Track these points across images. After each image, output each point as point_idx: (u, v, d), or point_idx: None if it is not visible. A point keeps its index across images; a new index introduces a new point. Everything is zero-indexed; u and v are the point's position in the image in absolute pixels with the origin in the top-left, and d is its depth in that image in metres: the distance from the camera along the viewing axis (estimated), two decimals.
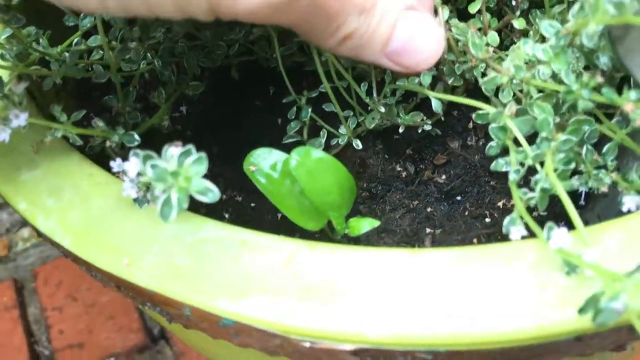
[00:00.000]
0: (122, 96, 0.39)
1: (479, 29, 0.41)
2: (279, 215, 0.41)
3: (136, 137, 0.36)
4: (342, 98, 0.41)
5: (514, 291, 0.26)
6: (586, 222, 0.37)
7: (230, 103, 0.47)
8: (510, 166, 0.31)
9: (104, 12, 0.24)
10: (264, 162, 0.31)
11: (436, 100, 0.38)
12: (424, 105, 0.42)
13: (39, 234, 0.31)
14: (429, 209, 0.41)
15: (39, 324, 0.88)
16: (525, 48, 0.32)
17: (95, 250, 0.29)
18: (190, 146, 0.24)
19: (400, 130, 0.41)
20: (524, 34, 0.42)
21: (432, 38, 0.32)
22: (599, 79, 0.28)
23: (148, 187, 0.27)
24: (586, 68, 0.33)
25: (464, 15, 0.41)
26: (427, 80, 0.37)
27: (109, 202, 0.31)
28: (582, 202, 0.34)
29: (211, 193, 0.24)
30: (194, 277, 0.28)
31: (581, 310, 0.24)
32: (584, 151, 0.32)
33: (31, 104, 0.37)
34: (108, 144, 0.36)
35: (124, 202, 0.30)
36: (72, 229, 0.30)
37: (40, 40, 0.39)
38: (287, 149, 0.33)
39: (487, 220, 0.40)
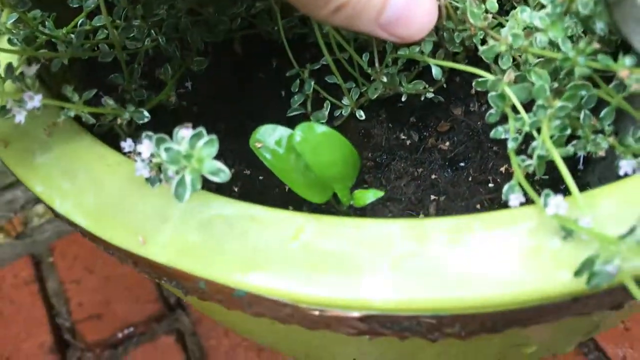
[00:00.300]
0: (127, 74, 0.40)
1: None
2: (287, 187, 0.42)
3: (145, 113, 0.37)
4: (344, 69, 0.41)
5: (513, 256, 0.27)
6: (587, 185, 0.38)
7: (235, 77, 0.48)
8: (509, 134, 0.32)
9: None
10: (269, 139, 0.32)
11: (436, 68, 0.38)
12: (425, 73, 0.42)
13: (56, 215, 0.33)
14: (433, 176, 0.42)
15: (58, 297, 0.90)
16: (523, 16, 0.32)
17: (111, 230, 0.31)
18: (201, 129, 0.25)
19: (403, 99, 0.41)
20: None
21: (425, 7, 0.32)
22: (596, 45, 0.29)
23: (160, 167, 0.28)
24: (584, 33, 0.34)
25: None
26: (428, 47, 0.38)
27: (122, 182, 0.32)
28: (580, 166, 0.35)
29: (223, 173, 0.25)
30: (207, 252, 0.29)
31: (576, 273, 0.25)
32: (581, 116, 0.33)
33: (41, 86, 0.38)
34: (119, 121, 0.37)
35: (136, 182, 0.32)
36: (88, 211, 0.31)
37: (46, 23, 0.39)
38: (292, 122, 0.34)
39: (491, 185, 0.41)
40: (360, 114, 0.42)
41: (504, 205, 0.31)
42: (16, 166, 0.33)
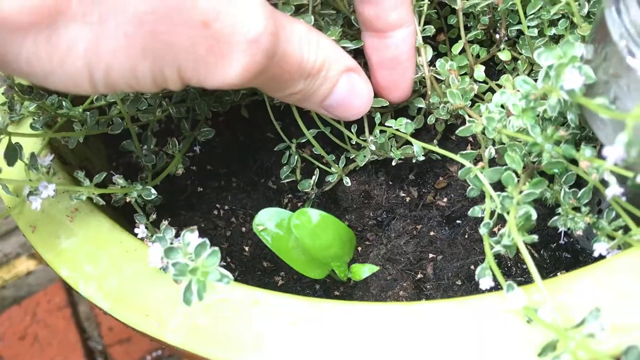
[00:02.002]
0: (137, 143, 0.43)
1: (463, 67, 0.43)
2: None
3: (153, 191, 0.40)
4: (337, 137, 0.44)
5: (489, 339, 0.30)
6: (579, 251, 0.40)
7: (244, 138, 0.51)
8: (485, 218, 0.34)
9: (94, 93, 0.29)
10: (269, 222, 0.35)
11: (418, 146, 0.41)
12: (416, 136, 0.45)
13: (81, 296, 0.36)
14: (431, 233, 0.44)
15: (89, 321, 0.95)
16: (501, 98, 0.35)
17: (130, 313, 0.34)
18: (205, 240, 0.28)
19: (393, 164, 0.44)
20: (514, 59, 0.45)
21: (362, 96, 0.37)
22: (562, 133, 0.31)
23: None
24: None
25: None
26: (409, 128, 0.40)
27: (139, 267, 0.35)
28: (562, 241, 0.37)
29: (226, 279, 0.28)
30: (214, 335, 0.32)
31: (540, 354, 0.27)
32: (562, 194, 0.35)
33: (60, 165, 0.42)
34: (128, 199, 0.40)
35: (152, 268, 0.35)
36: (109, 294, 0.35)
37: (64, 104, 0.43)
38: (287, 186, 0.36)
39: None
40: (347, 181, 0.44)
41: (497, 265, 0.33)
42: (44, 251, 0.37)
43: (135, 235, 0.36)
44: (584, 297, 0.30)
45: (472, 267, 0.42)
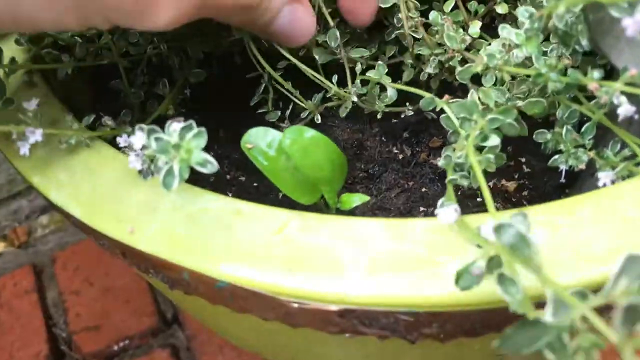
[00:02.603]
0: (126, 80, 0.42)
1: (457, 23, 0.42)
2: (280, 194, 0.43)
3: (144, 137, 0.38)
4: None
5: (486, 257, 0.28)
6: None
7: (235, 86, 0.50)
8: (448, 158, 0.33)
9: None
10: (260, 141, 0.33)
11: (392, 90, 0.40)
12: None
13: (52, 205, 0.34)
14: (423, 189, 0.43)
15: (57, 307, 0.91)
16: (503, 33, 0.34)
17: (103, 220, 0.32)
18: (191, 121, 0.27)
19: (379, 117, 0.42)
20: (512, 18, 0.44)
21: (303, 27, 0.38)
22: (566, 61, 0.30)
23: (152, 159, 0.29)
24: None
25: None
26: (381, 70, 0.39)
27: (116, 175, 0.33)
28: (562, 180, 0.36)
29: (210, 165, 0.26)
30: (192, 243, 0.30)
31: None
32: (564, 131, 0.34)
33: (48, 91, 0.40)
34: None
35: (130, 176, 0.33)
36: (81, 201, 0.32)
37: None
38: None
39: (479, 199, 0.42)
40: (318, 118, 0.43)
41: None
42: (15, 159, 0.35)
43: (116, 145, 0.34)
44: (583, 220, 0.28)
45: None
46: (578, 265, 0.27)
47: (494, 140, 0.30)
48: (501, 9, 0.42)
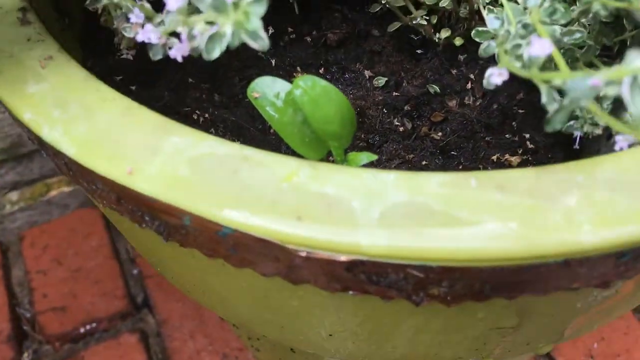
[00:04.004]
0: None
1: None
2: None
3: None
4: None
5: (508, 213, 0.27)
6: None
7: (233, 55, 0.48)
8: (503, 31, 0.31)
9: None
10: (267, 90, 0.32)
11: None
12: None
13: (42, 144, 0.32)
14: (423, 162, 0.42)
15: (22, 286, 0.87)
16: None
17: (99, 160, 0.30)
18: None
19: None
20: None
21: None
22: None
23: (171, 33, 0.26)
24: None
25: None
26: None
27: (115, 115, 0.31)
28: (576, 146, 0.35)
29: (261, 40, 0.23)
30: (195, 187, 0.28)
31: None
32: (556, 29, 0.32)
33: (42, 27, 0.37)
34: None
35: (130, 116, 0.31)
36: (77, 139, 0.30)
37: None
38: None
39: None
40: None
41: None
42: (7, 94, 0.32)
43: (116, 84, 0.32)
44: (606, 181, 0.28)
45: None
46: (599, 225, 0.27)
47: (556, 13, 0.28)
48: None
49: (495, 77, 0.27)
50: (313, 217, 0.27)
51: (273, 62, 0.47)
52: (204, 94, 0.46)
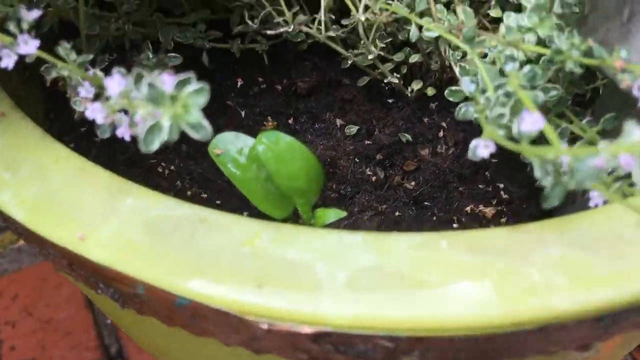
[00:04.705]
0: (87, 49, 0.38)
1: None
2: (245, 214, 0.40)
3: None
4: None
5: (479, 277, 0.26)
6: None
7: None
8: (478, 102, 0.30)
9: None
10: (230, 146, 0.31)
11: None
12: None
13: None
14: (397, 213, 0.41)
15: None
16: (510, 21, 0.32)
17: (49, 225, 0.28)
18: (192, 74, 0.23)
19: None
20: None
21: None
22: (591, 42, 0.28)
23: (119, 111, 0.25)
24: None
25: None
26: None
27: (68, 176, 0.30)
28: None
29: (204, 130, 0.22)
30: (150, 253, 0.27)
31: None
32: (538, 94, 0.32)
33: None
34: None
35: (84, 177, 0.29)
36: (27, 203, 0.29)
37: None
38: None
39: (455, 225, 0.40)
40: (290, 27, 0.41)
41: None
42: None
43: (68, 143, 0.30)
44: (579, 240, 0.26)
45: None
46: (576, 289, 0.25)
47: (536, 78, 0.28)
48: (495, 12, 0.40)
49: (481, 149, 0.25)
50: (275, 284, 0.26)
51: (243, 112, 0.45)
52: (170, 144, 0.45)
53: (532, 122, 0.22)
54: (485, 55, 0.32)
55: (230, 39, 0.43)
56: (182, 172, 0.43)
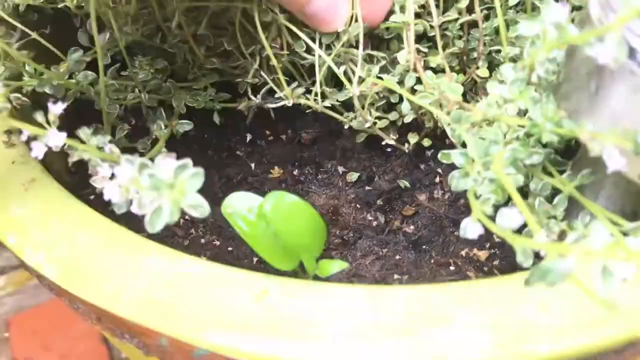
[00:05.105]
0: (108, 124, 0.41)
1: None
2: (255, 259, 0.43)
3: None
4: None
5: (475, 329, 0.28)
6: None
7: (213, 153, 0.50)
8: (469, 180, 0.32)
9: None
10: (240, 205, 0.34)
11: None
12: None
13: (27, 268, 0.33)
14: (397, 257, 0.43)
15: None
16: (493, 90, 0.34)
17: (79, 283, 0.31)
18: (189, 160, 0.26)
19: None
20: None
21: (339, 12, 0.41)
22: (562, 113, 0.31)
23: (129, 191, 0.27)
24: None
25: None
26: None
27: (95, 237, 0.33)
28: None
29: (202, 208, 0.25)
30: (171, 309, 0.30)
31: (526, 282, 0.25)
32: (537, 203, 0.35)
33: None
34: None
35: (109, 238, 0.33)
36: (58, 263, 0.32)
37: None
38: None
39: (452, 268, 0.42)
40: (290, 102, 0.44)
41: None
42: None
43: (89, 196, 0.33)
44: None
45: None
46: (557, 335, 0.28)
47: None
48: (481, 72, 0.43)
49: (470, 230, 0.28)
50: (284, 338, 0.29)
51: (251, 161, 0.49)
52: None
53: (511, 217, 0.25)
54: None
55: (239, 97, 0.47)
56: (196, 220, 0.46)
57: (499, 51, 0.44)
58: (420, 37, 0.43)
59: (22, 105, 0.40)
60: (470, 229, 0.28)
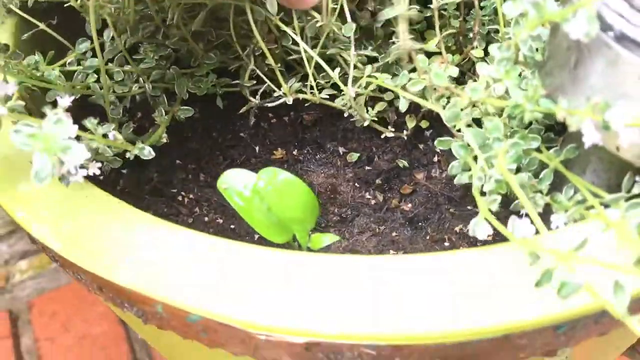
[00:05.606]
0: (110, 115, 0.43)
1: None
2: (256, 236, 0.44)
3: (150, 150, 0.40)
4: None
5: (444, 295, 0.30)
6: None
7: (217, 135, 0.52)
8: (473, 177, 0.34)
9: None
10: (235, 182, 0.35)
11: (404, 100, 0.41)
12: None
13: (32, 239, 0.35)
14: (393, 234, 0.45)
15: (30, 354, 0.90)
16: (482, 71, 0.35)
17: (81, 255, 0.33)
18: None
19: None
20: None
21: None
22: (542, 91, 0.31)
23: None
24: None
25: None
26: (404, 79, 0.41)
27: (96, 212, 0.34)
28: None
29: (70, 150, 0.26)
30: (167, 277, 0.31)
31: (537, 284, 0.27)
32: (525, 177, 0.36)
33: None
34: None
35: (109, 212, 0.34)
36: (62, 236, 0.34)
37: (39, 67, 0.43)
38: None
39: (446, 244, 0.43)
40: (289, 100, 0.45)
41: None
42: (0, 194, 0.36)
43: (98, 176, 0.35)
44: None
45: None
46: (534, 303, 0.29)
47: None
48: (477, 53, 0.44)
49: (479, 231, 0.30)
50: (272, 304, 0.30)
51: (255, 143, 0.50)
52: (190, 174, 0.49)
53: (524, 229, 0.26)
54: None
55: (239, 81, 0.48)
56: (200, 199, 0.47)
57: (497, 31, 0.45)
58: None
59: (32, 94, 0.43)
60: (479, 229, 0.29)
